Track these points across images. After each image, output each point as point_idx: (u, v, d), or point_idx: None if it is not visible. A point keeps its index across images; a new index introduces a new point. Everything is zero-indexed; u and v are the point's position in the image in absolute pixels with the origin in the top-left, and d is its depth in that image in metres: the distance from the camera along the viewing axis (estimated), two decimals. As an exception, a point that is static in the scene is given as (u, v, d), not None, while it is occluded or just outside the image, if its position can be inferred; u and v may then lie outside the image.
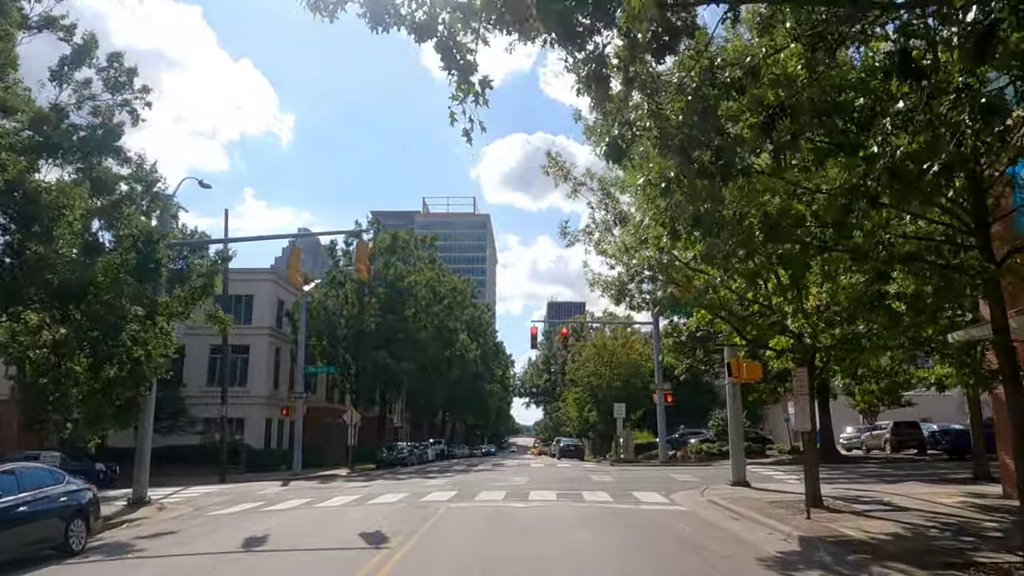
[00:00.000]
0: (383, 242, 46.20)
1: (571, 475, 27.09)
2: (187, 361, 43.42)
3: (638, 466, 34.69)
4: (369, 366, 41.43)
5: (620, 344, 46.01)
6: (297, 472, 36.07)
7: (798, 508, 14.73)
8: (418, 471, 35.40)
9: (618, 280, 17.67)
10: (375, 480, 27.34)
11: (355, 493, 21.09)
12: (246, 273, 45.82)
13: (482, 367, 74.95)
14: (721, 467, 30.15)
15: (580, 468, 34.57)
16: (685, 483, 22.19)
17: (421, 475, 29.85)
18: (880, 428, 42.27)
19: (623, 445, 40.91)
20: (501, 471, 31.31)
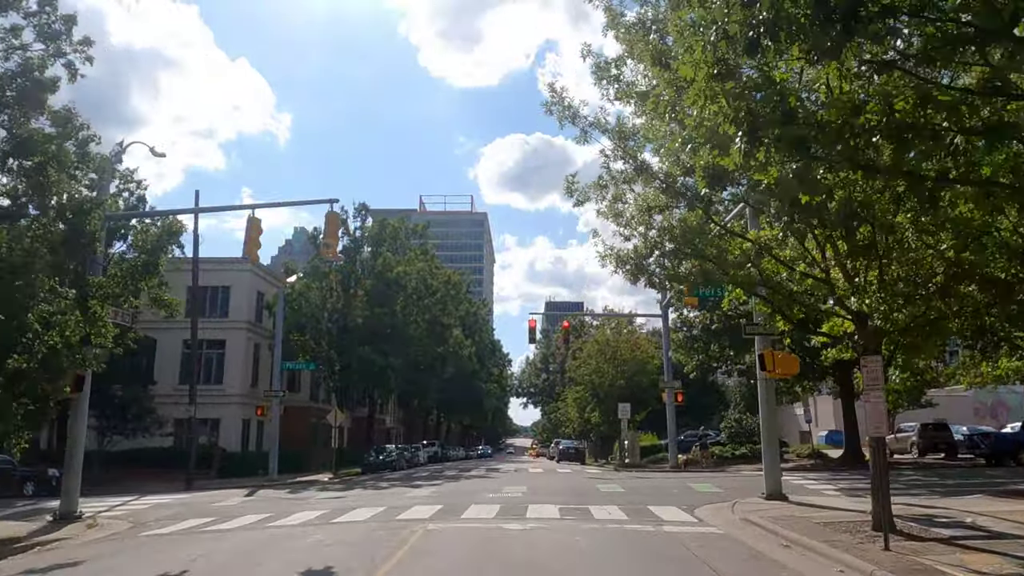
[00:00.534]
0: (371, 230, 43.11)
1: (574, 483, 24.07)
2: (158, 357, 40.44)
3: (647, 472, 31.66)
4: (354, 362, 38.36)
5: (624, 339, 42.99)
6: (273, 478, 33.02)
7: (863, 533, 11.74)
8: (405, 477, 32.35)
9: (635, 253, 14.62)
10: (353, 489, 24.28)
11: (323, 507, 18.05)
12: (222, 263, 42.75)
13: (477, 365, 71.88)
14: (739, 474, 27.13)
15: (582, 474, 31.54)
16: (707, 495, 19.18)
17: (407, 482, 26.82)
18: (904, 430, 39.38)
19: (628, 448, 37.89)
20: (495, 478, 28.28)
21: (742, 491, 19.81)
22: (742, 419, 38.99)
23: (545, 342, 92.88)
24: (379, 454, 42.81)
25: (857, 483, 21.73)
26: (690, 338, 34.06)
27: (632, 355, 42.05)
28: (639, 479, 25.71)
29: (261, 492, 24.79)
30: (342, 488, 25.21)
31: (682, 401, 33.16)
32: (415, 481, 27.59)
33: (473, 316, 72.18)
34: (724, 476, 26.40)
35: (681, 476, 27.15)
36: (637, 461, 37.40)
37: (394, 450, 43.60)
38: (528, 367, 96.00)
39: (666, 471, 32.09)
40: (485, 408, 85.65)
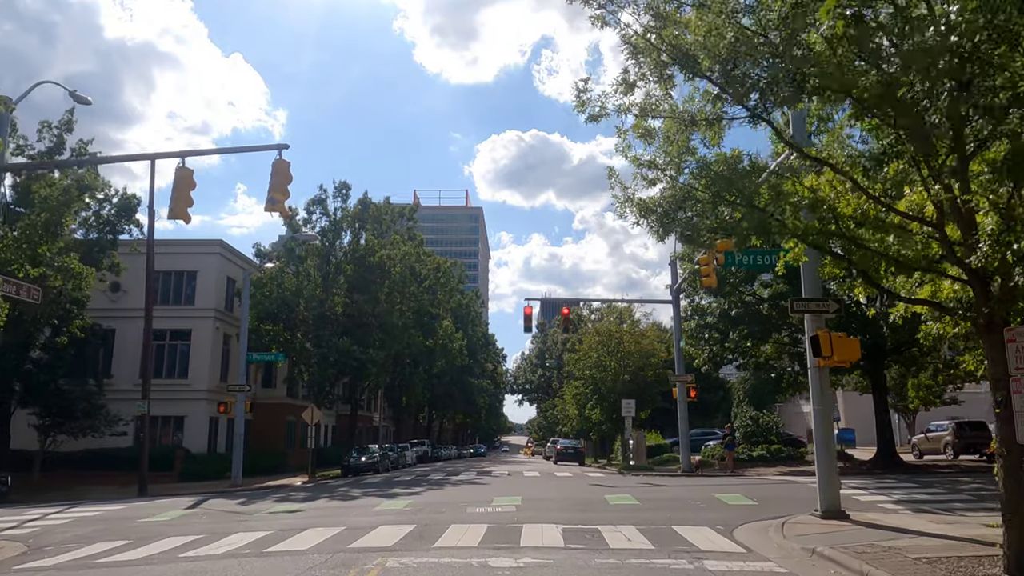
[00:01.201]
0: (353, 211, 39.51)
1: (576, 492, 20.58)
2: (116, 348, 36.82)
3: (656, 476, 28.18)
4: (332, 354, 34.79)
5: (627, 330, 39.51)
6: (237, 483, 29.48)
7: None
8: (385, 481, 28.84)
9: (663, 198, 11.12)
10: (319, 498, 20.74)
11: (268, 525, 14.52)
12: (189, 245, 39.18)
13: (469, 360, 68.31)
14: (763, 480, 23.67)
15: (584, 479, 28.08)
16: (741, 509, 15.72)
17: (384, 489, 23.31)
18: (933, 430, 36.07)
19: (634, 448, 34.44)
20: (486, 484, 24.79)
21: (780, 503, 16.37)
22: (759, 417, 35.56)
23: (541, 337, 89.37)
24: (361, 455, 39.29)
25: (913, 493, 18.33)
26: (703, 327, 30.55)
27: (637, 347, 38.58)
28: (652, 486, 22.23)
29: (211, 502, 21.22)
30: (306, 497, 21.66)
31: (695, 396, 29.68)
32: (394, 487, 24.08)
33: (465, 308, 68.59)
34: (748, 483, 22.94)
35: (699, 482, 23.68)
36: (643, 463, 33.95)
37: (377, 450, 40.06)
38: (524, 363, 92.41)
39: (678, 475, 28.64)
40: (478, 405, 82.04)
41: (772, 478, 24.54)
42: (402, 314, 38.31)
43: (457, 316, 64.54)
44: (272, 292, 34.68)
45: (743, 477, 26.06)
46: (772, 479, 24.10)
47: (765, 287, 28.03)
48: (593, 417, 40.43)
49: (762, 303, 28.51)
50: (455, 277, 61.30)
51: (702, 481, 24.25)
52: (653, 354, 38.66)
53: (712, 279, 24.28)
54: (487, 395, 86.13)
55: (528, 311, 29.88)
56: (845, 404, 69.21)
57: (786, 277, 27.70)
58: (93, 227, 32.36)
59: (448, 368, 57.50)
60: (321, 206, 38.53)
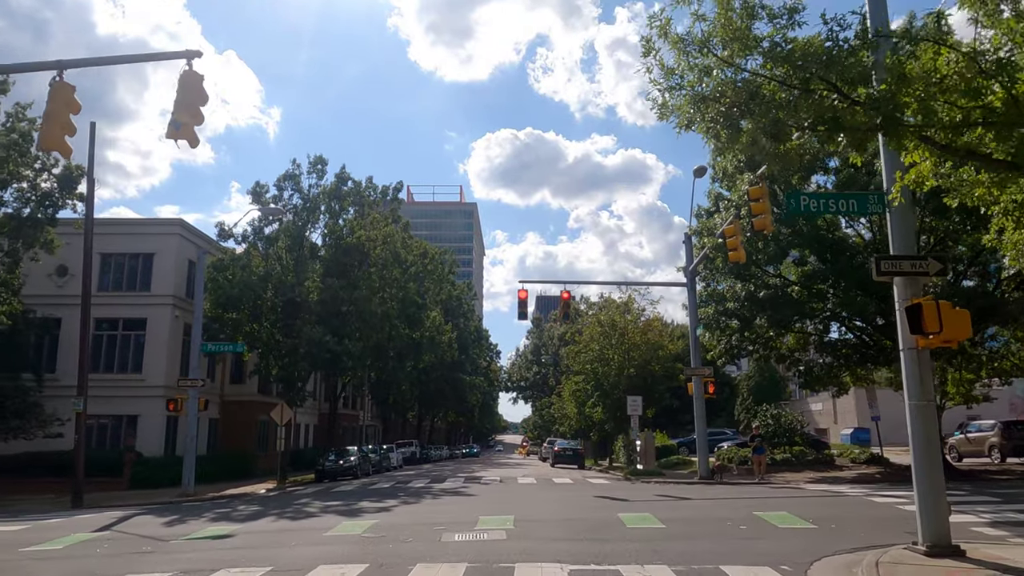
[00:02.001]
0: (329, 188, 35.64)
1: (583, 507, 16.86)
2: (62, 339, 32.88)
3: (670, 483, 24.45)
4: (303, 345, 30.97)
5: (632, 320, 35.79)
6: (188, 491, 25.67)
7: None
8: (358, 490, 25.07)
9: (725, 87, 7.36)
10: (261, 518, 16.92)
11: (167, 566, 10.75)
12: (144, 225, 35.31)
13: (461, 356, 64.48)
14: (798, 488, 19.88)
15: (588, 486, 24.39)
16: (798, 534, 12.04)
17: (349, 503, 19.53)
18: (974, 430, 32.54)
19: (641, 451, 30.73)
20: (472, 496, 21.03)
21: (847, 527, 12.67)
22: (780, 415, 31.89)
23: (537, 332, 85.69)
24: (339, 458, 35.48)
25: (1003, 510, 14.65)
26: (722, 313, 26.81)
27: (643, 339, 34.88)
28: (672, 499, 18.51)
29: (133, 521, 17.40)
30: (252, 514, 17.84)
31: (713, 392, 25.96)
32: (364, 499, 20.29)
33: (456, 301, 64.71)
34: (786, 494, 19.24)
35: (725, 493, 19.97)
36: (652, 467, 30.26)
37: (355, 453, 36.24)
38: (519, 359, 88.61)
39: (694, 482, 24.94)
40: (470, 403, 78.20)
41: (810, 488, 20.84)
42: (383, 302, 34.49)
43: (448, 309, 60.72)
44: (236, 276, 30.82)
45: (773, 486, 22.37)
46: (811, 490, 20.41)
47: (800, 264, 24.32)
48: (595, 416, 36.73)
49: (791, 286, 24.79)
50: (445, 266, 57.47)
51: (728, 491, 20.53)
52: (661, 346, 34.97)
53: (740, 253, 20.54)
54: (480, 393, 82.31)
55: (523, 295, 26.17)
56: (857, 401, 65.62)
57: (821, 254, 24.00)
58: (31, 201, 28.55)
59: (437, 363, 53.70)
60: (293, 182, 34.67)
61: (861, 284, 22.17)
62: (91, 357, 32.78)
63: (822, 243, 22.94)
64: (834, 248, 23.23)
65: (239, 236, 33.20)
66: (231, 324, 31.16)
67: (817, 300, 23.22)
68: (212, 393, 38.19)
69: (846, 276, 22.03)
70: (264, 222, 33.69)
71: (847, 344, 27.04)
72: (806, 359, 29.18)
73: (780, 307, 23.24)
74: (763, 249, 23.22)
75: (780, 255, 23.42)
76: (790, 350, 29.46)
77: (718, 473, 25.55)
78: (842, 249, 23.57)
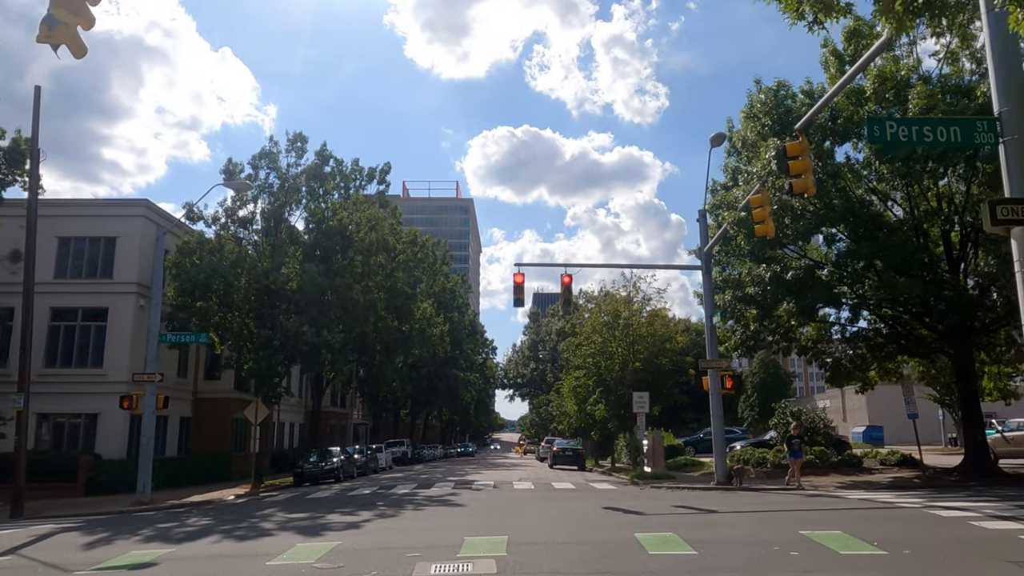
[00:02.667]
0: (311, 167, 32.83)
1: (590, 524, 14.14)
2: (14, 331, 29.96)
3: (687, 490, 21.74)
4: (277, 337, 28.18)
5: (637, 310, 33.06)
6: (143, 499, 22.91)
7: None
8: (333, 498, 22.34)
9: None
10: (200, 538, 14.13)
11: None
12: (106, 205, 32.49)
13: (454, 351, 61.67)
14: (843, 500, 17.11)
15: (593, 493, 21.72)
16: (871, 566, 9.33)
17: (315, 517, 16.79)
18: (1012, 428, 29.92)
19: (649, 452, 28.04)
20: (460, 507, 18.30)
21: (918, 549, 10.00)
22: (800, 412, 29.22)
23: (534, 327, 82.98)
24: (321, 460, 32.73)
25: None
26: (740, 300, 24.09)
27: (649, 330, 32.17)
28: (694, 512, 15.79)
29: (55, 538, 14.62)
30: (199, 530, 15.07)
31: (731, 387, 23.24)
32: (335, 511, 17.55)
33: (450, 293, 61.86)
34: (829, 505, 16.54)
35: (755, 503, 17.24)
36: (661, 470, 27.56)
37: (338, 454, 33.49)
38: (515, 355, 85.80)
39: (712, 488, 22.25)
40: (464, 400, 75.37)
41: (850, 497, 18.14)
42: (368, 290, 31.68)
43: (441, 302, 57.91)
44: (203, 260, 28.01)
45: (804, 494, 19.69)
46: (852, 499, 17.71)
47: (831, 242, 21.60)
48: (596, 414, 33.99)
49: (820, 267, 22.08)
50: (437, 256, 54.63)
51: (756, 501, 17.81)
52: (668, 337, 32.27)
53: (768, 226, 17.83)
54: (475, 390, 79.52)
55: (519, 279, 23.42)
56: (868, 398, 62.93)
57: (855, 231, 21.28)
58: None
59: (429, 359, 50.94)
60: (269, 161, 31.80)
61: (904, 264, 19.48)
62: (47, 350, 30.17)
63: (857, 219, 20.23)
64: (869, 225, 20.52)
65: (210, 218, 30.39)
66: (199, 313, 28.35)
67: (851, 283, 20.51)
68: (184, 390, 35.46)
69: (886, 255, 19.33)
70: (237, 203, 30.87)
71: (879, 334, 24.37)
72: (831, 351, 26.55)
73: (810, 291, 20.50)
74: (790, 225, 20.49)
75: (810, 231, 20.68)
76: (813, 341, 26.83)
77: (737, 477, 22.86)
78: (878, 226, 20.87)
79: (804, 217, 20.58)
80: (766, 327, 25.03)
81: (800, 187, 14.24)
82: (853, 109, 20.34)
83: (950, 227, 22.11)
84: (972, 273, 22.17)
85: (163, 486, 29.26)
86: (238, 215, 30.98)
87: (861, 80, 20.35)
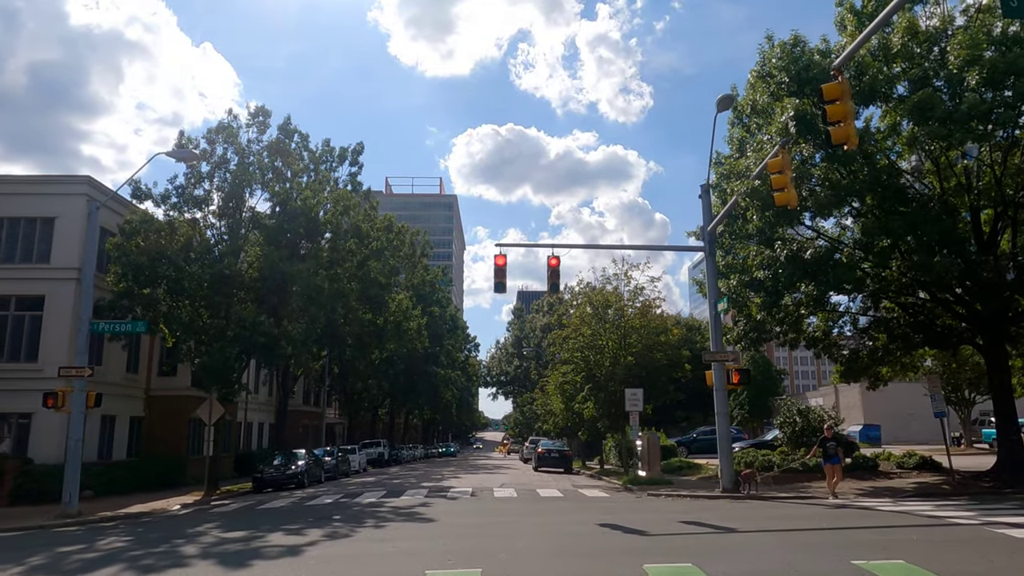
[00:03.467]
0: (271, 143, 29.94)
1: (584, 544, 11.51)
2: (-62, 321, 26.91)
3: (689, 499, 19.17)
4: (231, 327, 25.31)
5: (630, 299, 30.50)
6: (68, 511, 20.00)
7: None
8: (291, 507, 19.57)
9: None
10: (99, 569, 11.36)
11: None
12: (43, 183, 29.37)
13: (435, 347, 58.81)
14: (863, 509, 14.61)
15: (584, 502, 19.13)
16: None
17: (254, 537, 14.05)
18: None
19: (643, 454, 25.48)
20: (429, 522, 15.62)
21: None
22: (808, 411, 26.81)
23: (518, 324, 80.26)
24: (286, 463, 29.91)
25: None
26: (747, 285, 21.56)
27: (643, 321, 29.63)
28: (708, 530, 13.21)
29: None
30: (96, 560, 12.25)
31: (738, 382, 20.71)
32: (278, 529, 14.80)
33: (430, 286, 58.99)
34: (852, 515, 14.01)
35: (772, 516, 14.69)
36: (658, 474, 25.01)
37: (304, 457, 30.66)
38: (499, 351, 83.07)
39: (717, 495, 19.72)
40: (444, 398, 72.44)
41: (883, 510, 15.66)
42: (335, 278, 28.87)
43: (420, 295, 55.10)
44: (149, 242, 25.08)
45: (830, 506, 17.20)
46: (887, 511, 15.23)
47: (856, 216, 19.07)
48: (585, 412, 31.41)
49: (840, 246, 19.59)
50: (416, 247, 51.74)
51: (776, 513, 15.25)
52: (664, 329, 29.74)
53: (790, 193, 15.30)
54: (457, 388, 76.65)
55: (500, 261, 20.80)
56: (864, 397, 60.92)
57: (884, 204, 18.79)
58: None
59: (407, 354, 48.11)
60: (227, 135, 28.86)
61: (942, 240, 17.03)
62: (-25, 342, 27.08)
63: (886, 190, 17.75)
64: (897, 199, 18.05)
65: (159, 197, 27.37)
66: (145, 301, 25.42)
67: (876, 263, 18.00)
68: (135, 387, 32.47)
69: (921, 231, 16.85)
70: (191, 180, 27.89)
71: (901, 323, 21.94)
72: (847, 343, 24.14)
73: (831, 271, 17.97)
74: (809, 197, 17.95)
75: (831, 204, 18.09)
76: (823, 332, 24.40)
77: (745, 484, 20.34)
78: (904, 200, 18.40)
79: (825, 188, 18.07)
80: (773, 317, 22.53)
81: (840, 136, 11.68)
82: (879, 66, 17.87)
83: (981, 203, 19.70)
84: (1005, 256, 19.78)
85: (106, 493, 26.35)
86: (192, 194, 27.98)
87: (887, 32, 17.94)
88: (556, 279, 20.85)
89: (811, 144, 17.89)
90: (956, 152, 17.92)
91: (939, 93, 16.78)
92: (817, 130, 17.71)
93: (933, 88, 16.73)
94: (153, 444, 32.91)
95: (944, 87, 16.69)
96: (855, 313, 24.79)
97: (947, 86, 16.65)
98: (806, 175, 17.65)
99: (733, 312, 23.89)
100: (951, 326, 21.11)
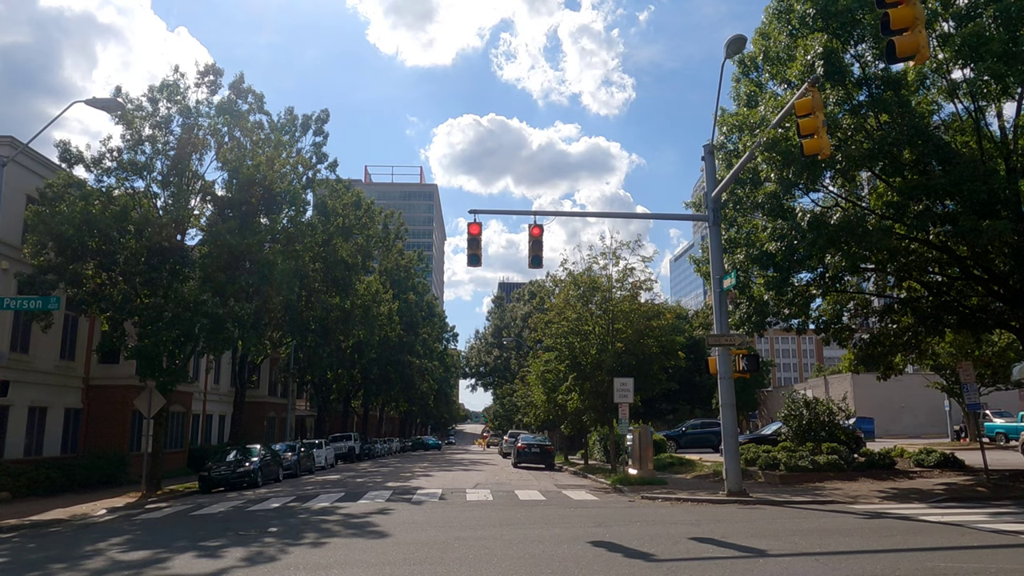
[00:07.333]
0: (221, 103, 26.85)
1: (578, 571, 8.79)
2: None
3: (690, 503, 16.56)
4: (169, 308, 22.28)
5: (620, 280, 27.86)
6: (-39, 520, 16.93)
7: None
8: (229, 514, 16.71)
9: None
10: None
11: None
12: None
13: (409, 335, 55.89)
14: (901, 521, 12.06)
15: (568, 506, 16.48)
16: None
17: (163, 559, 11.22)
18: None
19: (634, 451, 22.86)
20: (380, 538, 12.90)
21: None
22: (815, 404, 24.40)
23: (498, 313, 77.57)
24: (239, 460, 26.96)
25: None
26: (756, 260, 18.95)
27: (633, 305, 27.03)
28: (729, 552, 10.59)
29: None
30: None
31: (746, 369, 18.12)
32: (199, 545, 11.99)
33: (405, 270, 56.02)
34: (888, 525, 11.46)
35: (795, 528, 12.09)
36: (650, 472, 22.43)
37: (259, 453, 27.74)
38: (478, 341, 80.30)
39: (725, 501, 17.12)
40: (420, 390, 69.53)
41: (927, 520, 13.12)
42: (293, 254, 25.94)
43: (395, 280, 52.12)
44: (75, 209, 21.97)
45: (863, 515, 14.67)
46: (934, 522, 12.71)
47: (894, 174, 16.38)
48: (569, 404, 28.80)
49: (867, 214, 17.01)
50: (390, 229, 48.72)
51: (799, 523, 12.63)
52: (657, 314, 27.17)
53: (822, 140, 12.68)
54: (434, 379, 73.77)
55: (474, 230, 18.02)
56: (855, 388, 58.90)
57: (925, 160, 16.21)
58: None
59: (379, 342, 45.15)
60: (171, 94, 25.74)
61: (989, 204, 14.48)
62: None
63: (927, 142, 15.15)
64: (939, 153, 15.47)
65: (91, 160, 24.21)
66: (70, 277, 22.32)
67: (917, 225, 15.37)
68: (71, 375, 29.34)
69: (968, 189, 14.26)
70: (128, 142, 24.77)
71: (927, 302, 19.45)
72: (860, 326, 21.68)
73: (863, 238, 15.33)
74: (838, 150, 15.28)
75: (869, 158, 15.35)
76: (835, 316, 21.90)
77: (752, 485, 17.79)
78: (945, 156, 15.83)
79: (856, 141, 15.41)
80: (781, 298, 19.96)
81: (907, 47, 9.01)
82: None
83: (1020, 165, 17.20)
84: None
85: (29, 495, 23.31)
86: (133, 161, 24.83)
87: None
88: (539, 251, 18.11)
89: (838, 90, 15.29)
90: (1005, 101, 15.39)
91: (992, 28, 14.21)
92: (847, 73, 15.07)
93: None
94: (93, 439, 29.88)
95: (999, 15, 14.07)
96: (869, 294, 22.37)
97: (1001, 15, 14.04)
98: (834, 125, 15.05)
99: (733, 294, 21.33)
100: (983, 306, 18.70)
